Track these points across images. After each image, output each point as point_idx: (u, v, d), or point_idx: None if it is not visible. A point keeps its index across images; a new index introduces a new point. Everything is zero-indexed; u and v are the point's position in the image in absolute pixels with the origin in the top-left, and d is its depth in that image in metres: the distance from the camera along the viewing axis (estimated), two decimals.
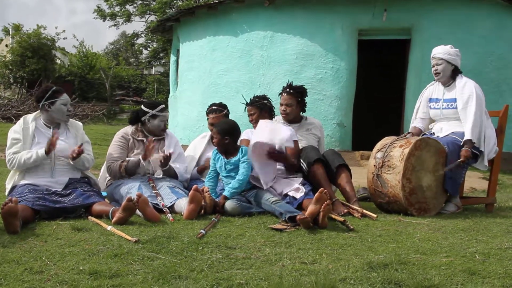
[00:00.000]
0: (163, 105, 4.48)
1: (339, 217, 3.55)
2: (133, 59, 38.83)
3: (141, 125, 4.43)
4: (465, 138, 4.20)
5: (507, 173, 7.53)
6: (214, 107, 4.81)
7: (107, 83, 23.71)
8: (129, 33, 34.47)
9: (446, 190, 4.16)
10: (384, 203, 4.10)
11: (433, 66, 4.47)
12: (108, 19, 28.83)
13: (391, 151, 4.08)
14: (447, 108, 4.43)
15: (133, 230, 3.19)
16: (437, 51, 4.46)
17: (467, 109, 4.27)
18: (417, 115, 4.69)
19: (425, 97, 4.65)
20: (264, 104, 4.56)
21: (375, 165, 4.13)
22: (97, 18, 28.58)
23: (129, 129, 4.44)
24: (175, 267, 2.39)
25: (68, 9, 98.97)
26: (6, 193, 3.88)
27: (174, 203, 3.87)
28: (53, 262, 2.47)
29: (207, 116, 4.82)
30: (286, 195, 3.98)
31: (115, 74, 25.63)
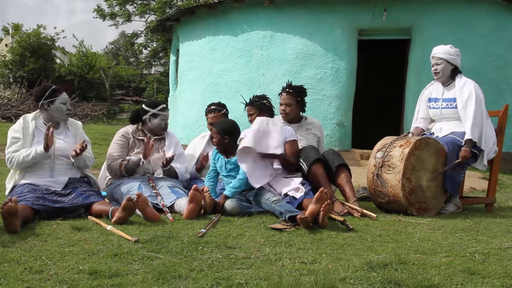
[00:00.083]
0: (164, 105, 4.48)
1: (339, 217, 3.55)
2: (133, 59, 38.82)
3: (142, 124, 4.43)
4: (465, 138, 4.20)
5: (506, 173, 7.53)
6: (213, 106, 4.81)
7: (107, 82, 23.69)
8: (128, 33, 34.46)
9: (446, 190, 4.16)
10: (384, 203, 4.10)
11: (433, 65, 4.47)
12: (108, 18, 28.83)
13: (391, 150, 4.08)
14: (446, 108, 4.43)
15: (133, 230, 3.19)
16: (437, 51, 4.46)
17: (466, 108, 4.27)
18: (419, 115, 4.69)
19: (425, 97, 4.65)
20: (264, 104, 4.56)
21: (375, 164, 4.13)
22: (96, 18, 28.61)
23: (130, 128, 4.45)
24: (175, 266, 2.39)
25: (68, 8, 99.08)
26: (6, 193, 3.88)
27: (174, 203, 3.87)
28: (53, 262, 2.47)
29: (206, 116, 4.83)
30: (286, 194, 3.97)
31: (115, 74, 25.59)
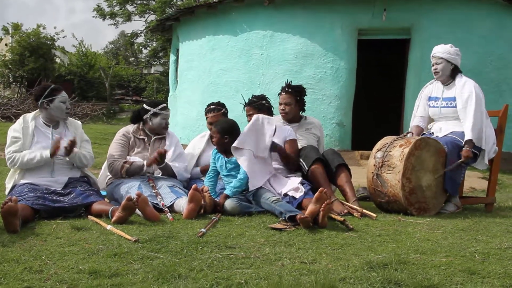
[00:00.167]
0: (165, 104, 4.48)
1: (338, 217, 3.55)
2: (132, 59, 38.81)
3: (142, 123, 4.44)
4: (465, 138, 4.20)
5: (506, 172, 7.53)
6: (213, 106, 4.81)
7: (107, 82, 23.69)
8: (128, 32, 34.49)
9: (445, 190, 4.16)
10: (384, 203, 4.10)
11: (433, 65, 4.47)
12: (108, 18, 28.84)
13: (391, 150, 4.08)
14: (446, 107, 4.43)
15: (133, 230, 3.19)
16: (437, 50, 4.46)
17: (466, 108, 4.27)
18: (417, 113, 4.69)
19: (425, 95, 4.65)
20: (262, 104, 4.56)
21: (374, 164, 4.13)
22: (96, 17, 28.62)
23: (131, 127, 4.45)
24: (174, 266, 2.39)
25: (68, 8, 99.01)
26: (6, 192, 3.88)
27: (174, 203, 3.87)
28: (53, 261, 2.47)
29: (206, 115, 4.82)
30: (286, 194, 3.97)
31: (114, 74, 25.60)
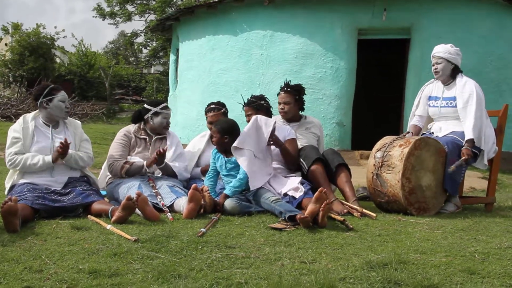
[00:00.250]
0: (166, 104, 4.49)
1: (338, 217, 3.55)
2: (132, 58, 38.79)
3: (143, 123, 4.44)
4: (466, 138, 4.20)
5: (506, 172, 7.53)
6: (213, 105, 4.81)
7: (107, 82, 23.68)
8: (128, 32, 34.47)
9: (445, 189, 4.16)
10: (384, 203, 4.10)
11: (433, 64, 4.47)
12: (108, 18, 28.83)
13: (390, 150, 4.08)
14: (446, 107, 4.43)
15: (133, 229, 3.19)
16: (438, 50, 4.46)
17: (467, 108, 4.27)
18: (416, 112, 4.69)
19: (424, 94, 4.65)
20: (261, 105, 4.56)
21: (374, 164, 4.13)
22: (96, 17, 28.61)
23: (132, 127, 4.45)
24: (174, 266, 2.39)
25: (67, 8, 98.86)
26: (6, 192, 3.88)
27: (174, 202, 3.87)
28: (53, 261, 2.47)
29: (206, 115, 4.82)
30: (286, 194, 3.97)
31: (114, 73, 25.58)
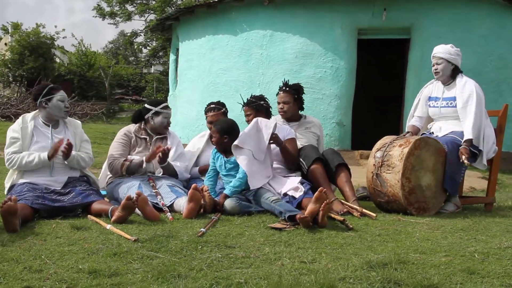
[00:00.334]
0: (167, 103, 4.49)
1: (338, 217, 3.55)
2: (132, 58, 38.79)
3: (144, 123, 4.44)
4: (465, 138, 4.20)
5: (506, 172, 7.53)
6: (212, 105, 4.81)
7: (107, 82, 23.67)
8: (127, 32, 34.43)
9: (445, 189, 4.16)
10: (384, 203, 4.10)
11: (433, 65, 4.47)
12: (108, 18, 28.81)
13: (390, 150, 4.08)
14: (446, 107, 4.43)
15: (133, 229, 3.19)
16: (438, 50, 4.46)
17: (467, 108, 4.26)
18: (415, 113, 4.69)
19: (424, 95, 4.65)
20: (261, 105, 4.57)
21: (374, 164, 4.13)
22: (96, 17, 28.59)
23: (132, 127, 4.45)
24: (174, 266, 2.39)
25: (67, 8, 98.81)
26: (5, 192, 3.88)
27: (174, 202, 3.87)
28: (52, 261, 2.47)
29: (206, 115, 4.82)
30: (285, 194, 3.97)
31: (114, 73, 25.57)
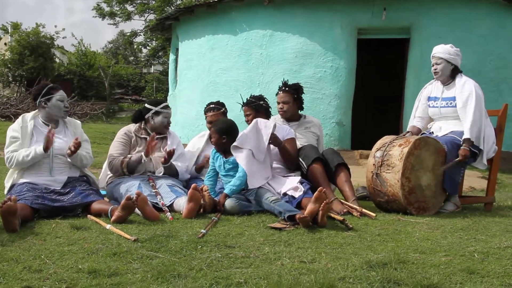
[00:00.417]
0: (167, 103, 4.49)
1: (338, 216, 3.55)
2: (132, 58, 38.76)
3: (144, 123, 4.44)
4: (464, 137, 4.20)
5: (506, 172, 7.53)
6: (212, 105, 4.81)
7: (106, 81, 23.66)
8: (127, 32, 34.41)
9: (445, 189, 4.17)
10: (383, 202, 4.10)
11: (433, 65, 4.47)
12: (107, 18, 28.78)
13: (390, 150, 4.08)
14: (445, 107, 4.43)
15: (132, 229, 3.19)
16: (437, 50, 4.46)
17: (466, 107, 4.27)
18: (416, 114, 4.69)
19: (424, 95, 4.65)
20: (260, 105, 4.57)
21: (374, 164, 4.13)
22: (96, 17, 28.56)
23: (132, 127, 4.45)
24: (174, 266, 2.39)
25: (67, 7, 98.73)
26: (5, 192, 3.88)
27: (173, 202, 3.87)
28: (52, 261, 2.47)
29: (205, 115, 4.82)
30: (285, 194, 3.97)
31: (114, 73, 25.56)
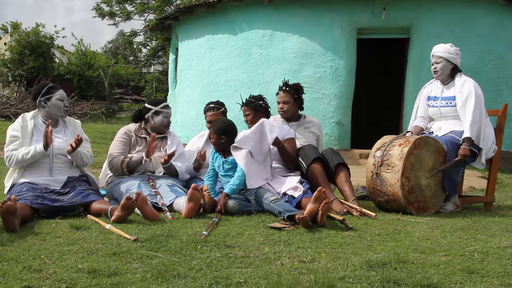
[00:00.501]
0: (167, 103, 4.50)
1: (338, 216, 3.56)
2: (132, 58, 38.75)
3: (144, 122, 4.44)
4: (463, 136, 4.20)
5: (506, 172, 7.53)
6: (212, 105, 4.81)
7: (106, 81, 23.65)
8: (127, 31, 34.37)
9: (445, 189, 4.17)
10: (383, 202, 4.10)
11: (433, 64, 4.47)
12: (107, 18, 28.76)
13: (390, 149, 4.08)
14: (445, 106, 4.43)
15: (132, 229, 3.19)
16: (437, 50, 4.46)
17: (466, 107, 4.27)
18: (418, 114, 4.69)
19: (424, 95, 4.65)
20: (260, 105, 4.56)
21: (374, 163, 4.13)
22: (95, 17, 28.54)
23: (133, 126, 4.46)
24: (174, 265, 2.39)
25: (66, 7, 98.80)
26: (5, 192, 3.88)
27: (173, 202, 3.87)
28: (52, 261, 2.47)
29: (205, 114, 4.82)
30: (285, 193, 3.97)
31: (114, 73, 25.55)
